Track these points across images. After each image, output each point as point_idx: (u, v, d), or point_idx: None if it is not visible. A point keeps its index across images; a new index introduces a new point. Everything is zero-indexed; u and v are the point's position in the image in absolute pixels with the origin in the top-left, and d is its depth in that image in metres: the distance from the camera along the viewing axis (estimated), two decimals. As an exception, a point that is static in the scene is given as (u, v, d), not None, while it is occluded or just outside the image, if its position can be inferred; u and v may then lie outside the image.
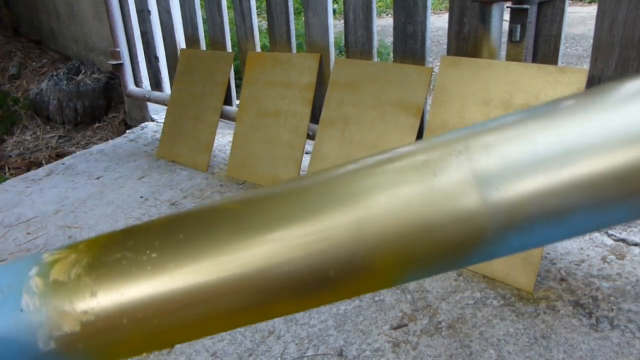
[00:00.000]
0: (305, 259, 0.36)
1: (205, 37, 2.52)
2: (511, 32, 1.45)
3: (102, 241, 0.37)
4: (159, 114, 3.07)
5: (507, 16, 1.50)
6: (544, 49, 1.48)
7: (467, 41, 1.61)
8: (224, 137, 2.71)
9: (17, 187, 2.39)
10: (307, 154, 2.16)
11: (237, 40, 2.31)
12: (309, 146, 2.12)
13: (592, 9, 5.61)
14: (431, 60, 3.82)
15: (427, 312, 1.34)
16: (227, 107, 2.36)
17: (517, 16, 1.43)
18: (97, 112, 3.69)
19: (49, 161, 3.09)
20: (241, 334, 1.33)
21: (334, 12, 5.31)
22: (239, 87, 2.39)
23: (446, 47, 1.68)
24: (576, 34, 4.97)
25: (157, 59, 2.77)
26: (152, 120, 3.09)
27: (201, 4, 2.47)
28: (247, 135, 2.20)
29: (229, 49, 2.41)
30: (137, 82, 2.96)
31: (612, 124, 0.36)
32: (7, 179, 2.61)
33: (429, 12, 1.68)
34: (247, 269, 0.36)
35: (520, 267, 1.39)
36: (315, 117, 1.99)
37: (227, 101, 2.38)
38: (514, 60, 1.48)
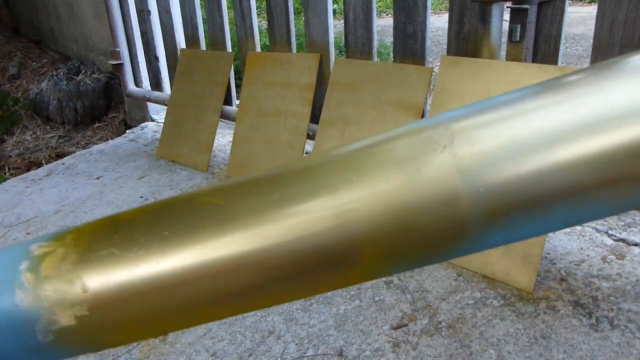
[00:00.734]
0: (286, 249, 0.36)
1: (205, 37, 2.52)
2: (511, 32, 1.45)
3: (88, 233, 0.37)
4: (159, 114, 3.07)
5: (507, 16, 1.50)
6: (544, 49, 1.48)
7: (467, 41, 1.61)
8: (224, 137, 2.71)
9: (17, 187, 2.39)
10: (307, 154, 2.16)
11: (237, 40, 2.31)
12: (309, 146, 2.12)
13: (592, 9, 5.61)
14: (431, 60, 3.82)
15: (427, 312, 1.34)
16: (227, 107, 2.36)
17: (517, 16, 1.43)
18: (97, 112, 3.69)
19: (49, 161, 3.09)
20: (241, 334, 1.33)
21: (334, 12, 5.31)
22: (239, 87, 2.39)
23: (446, 47, 1.68)
24: (576, 34, 4.97)
25: (157, 59, 2.77)
26: (152, 120, 3.09)
27: (201, 4, 2.47)
28: (247, 135, 2.20)
29: (229, 49, 2.41)
30: (137, 82, 2.96)
31: (588, 112, 0.36)
32: (7, 179, 2.62)
33: (429, 12, 1.68)
34: (229, 259, 0.36)
35: (520, 267, 1.39)
36: (315, 117, 1.99)
37: (227, 101, 2.38)
38: (514, 60, 1.48)
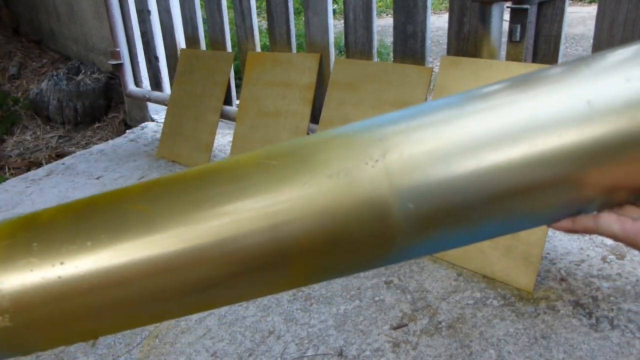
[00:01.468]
0: (219, 254, 0.36)
1: (205, 37, 2.52)
2: (511, 32, 1.45)
3: (6, 236, 0.37)
4: (159, 114, 3.07)
5: (507, 16, 1.50)
6: (544, 49, 1.48)
7: (467, 41, 1.61)
8: (224, 137, 2.71)
9: (17, 187, 2.39)
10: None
11: (237, 40, 2.31)
12: (309, 146, 2.12)
13: (592, 9, 5.61)
14: (431, 60, 3.82)
15: (427, 312, 1.34)
16: (227, 107, 2.36)
17: (517, 16, 1.43)
18: (97, 112, 3.69)
19: (49, 161, 3.09)
20: (241, 334, 1.34)
21: (334, 12, 5.31)
22: (239, 87, 2.39)
23: (446, 47, 1.68)
24: (576, 34, 4.97)
25: (157, 59, 2.77)
26: (152, 120, 3.08)
27: (201, 4, 2.47)
28: (247, 135, 2.20)
29: (229, 49, 2.40)
30: (137, 82, 2.96)
31: (510, 122, 0.38)
32: (7, 179, 2.62)
33: (429, 12, 1.68)
34: (155, 265, 0.36)
35: (520, 267, 1.39)
36: (315, 117, 1.99)
37: (227, 101, 2.38)
38: (514, 60, 1.48)
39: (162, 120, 2.80)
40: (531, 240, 1.39)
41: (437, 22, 5.35)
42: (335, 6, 6.16)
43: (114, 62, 2.84)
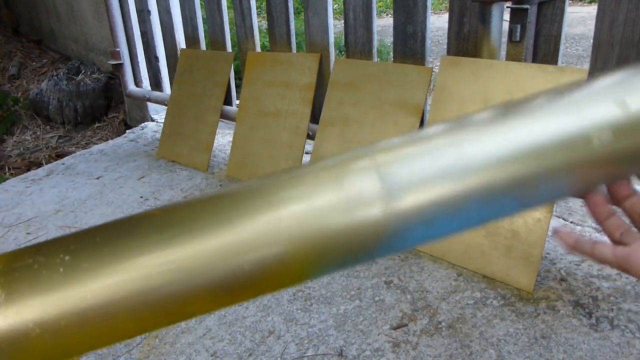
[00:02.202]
0: (223, 258, 0.40)
1: (205, 37, 2.52)
2: (511, 32, 1.45)
3: None
4: (159, 114, 3.07)
5: (507, 16, 1.50)
6: (544, 49, 1.48)
7: (467, 41, 1.61)
8: (224, 137, 2.72)
9: (17, 187, 2.39)
10: (307, 154, 2.16)
11: (237, 40, 2.31)
12: (309, 146, 2.12)
13: (592, 9, 5.61)
14: (431, 60, 3.83)
15: (427, 312, 1.34)
16: (227, 107, 2.36)
17: (517, 16, 1.43)
18: (97, 112, 3.69)
19: (49, 161, 3.09)
20: (241, 334, 1.34)
21: (334, 12, 5.30)
22: (239, 87, 2.39)
23: (446, 47, 1.68)
24: (576, 34, 4.97)
25: (157, 59, 2.77)
26: (152, 120, 3.09)
27: (201, 4, 2.47)
28: (247, 135, 2.20)
29: (229, 49, 2.40)
30: (137, 82, 2.96)
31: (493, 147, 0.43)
32: (7, 179, 2.62)
33: (429, 12, 1.68)
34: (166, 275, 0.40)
35: (520, 267, 1.39)
36: (315, 117, 1.99)
37: (227, 101, 2.38)
38: (514, 60, 1.48)
39: (162, 120, 2.80)
40: (531, 240, 1.39)
41: (437, 22, 5.35)
42: (335, 6, 6.16)
43: (114, 62, 2.84)
